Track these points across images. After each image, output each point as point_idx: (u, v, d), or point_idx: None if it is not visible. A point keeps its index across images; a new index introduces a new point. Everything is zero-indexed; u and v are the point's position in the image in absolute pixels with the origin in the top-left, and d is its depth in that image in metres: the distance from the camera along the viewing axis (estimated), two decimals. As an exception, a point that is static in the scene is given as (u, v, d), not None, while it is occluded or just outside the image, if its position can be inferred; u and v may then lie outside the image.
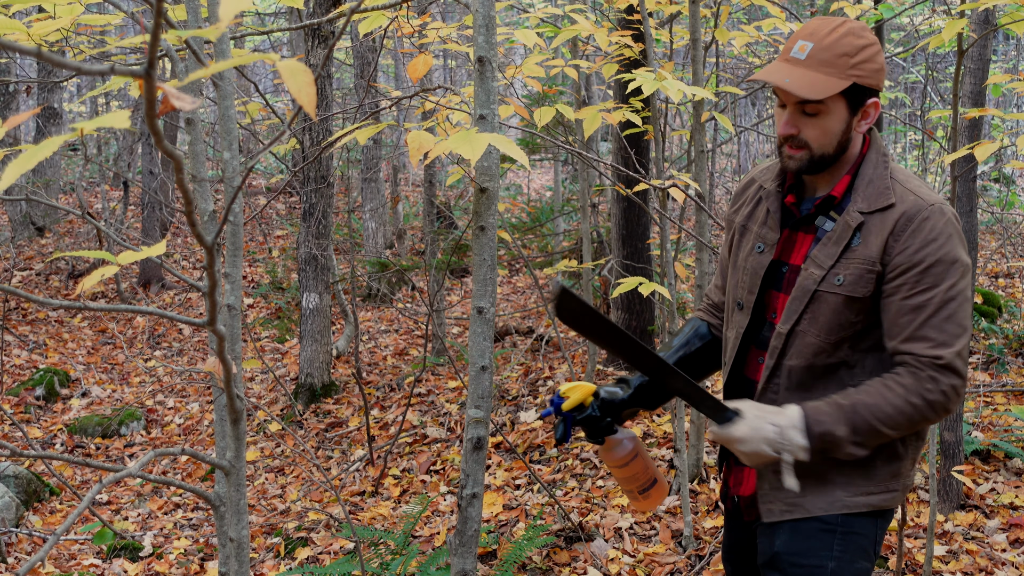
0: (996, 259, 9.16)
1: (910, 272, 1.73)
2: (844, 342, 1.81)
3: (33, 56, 0.73)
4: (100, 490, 1.19)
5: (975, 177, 4.24)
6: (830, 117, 1.77)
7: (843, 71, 1.73)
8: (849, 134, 1.80)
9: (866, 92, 1.78)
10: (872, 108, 1.80)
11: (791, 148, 1.81)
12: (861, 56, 1.74)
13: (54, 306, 1.19)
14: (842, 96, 1.75)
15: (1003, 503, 4.06)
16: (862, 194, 1.80)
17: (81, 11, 2.11)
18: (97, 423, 6.69)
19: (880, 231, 1.76)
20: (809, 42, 1.75)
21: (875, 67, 1.77)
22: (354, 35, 8.16)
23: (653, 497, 2.01)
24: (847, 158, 1.84)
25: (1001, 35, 13.93)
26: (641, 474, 1.98)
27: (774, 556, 1.88)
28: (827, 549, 1.83)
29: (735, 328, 1.98)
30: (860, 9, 4.51)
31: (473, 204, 2.14)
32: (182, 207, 11.21)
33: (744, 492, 1.99)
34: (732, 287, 2.00)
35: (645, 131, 5.31)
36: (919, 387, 1.71)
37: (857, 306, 1.78)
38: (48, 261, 8.32)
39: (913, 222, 1.74)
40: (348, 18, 1.35)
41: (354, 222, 11.11)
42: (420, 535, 4.35)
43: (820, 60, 1.73)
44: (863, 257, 1.77)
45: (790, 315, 1.84)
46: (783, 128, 1.80)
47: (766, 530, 1.92)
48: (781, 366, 1.86)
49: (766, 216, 1.95)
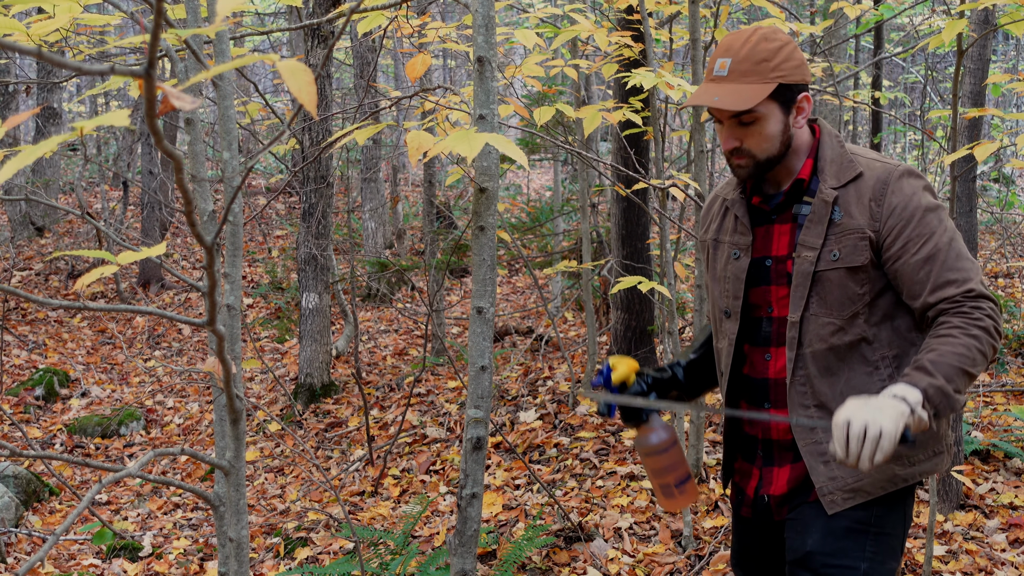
0: (996, 259, 9.16)
1: (907, 229, 1.80)
2: (857, 316, 1.84)
3: (34, 56, 0.73)
4: (100, 490, 1.19)
5: (975, 177, 4.24)
6: (766, 122, 1.83)
7: (765, 76, 1.80)
8: (789, 131, 1.87)
9: (794, 89, 1.84)
10: (804, 102, 1.87)
11: (737, 159, 1.88)
12: (779, 57, 1.82)
13: (54, 306, 1.19)
14: (772, 99, 1.82)
15: (1003, 503, 4.06)
16: (828, 172, 1.88)
17: (80, 10, 2.10)
18: (97, 423, 6.69)
19: (859, 200, 1.83)
20: (727, 58, 1.83)
21: (795, 64, 1.84)
22: (354, 35, 8.16)
23: (689, 494, 1.97)
24: (798, 148, 1.91)
25: (1001, 35, 13.93)
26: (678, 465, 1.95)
27: (807, 555, 1.88)
28: (860, 550, 1.84)
29: (726, 336, 2.01)
30: (860, 9, 4.51)
31: (473, 204, 2.15)
32: (182, 207, 11.21)
33: (775, 491, 1.97)
34: (716, 299, 2.04)
35: (645, 131, 5.31)
36: (969, 322, 1.75)
37: (860, 276, 1.83)
38: (47, 261, 8.32)
39: (889, 184, 1.82)
40: (348, 18, 1.35)
41: (354, 222, 11.11)
42: (420, 535, 4.35)
43: (741, 72, 1.81)
44: (852, 228, 1.83)
45: (797, 302, 1.87)
46: (726, 144, 1.87)
47: (797, 527, 1.91)
48: (803, 355, 1.87)
49: (735, 223, 2.00)
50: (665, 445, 1.94)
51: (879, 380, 1.84)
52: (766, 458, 1.98)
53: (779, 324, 1.92)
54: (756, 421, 1.98)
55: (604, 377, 1.99)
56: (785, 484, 1.95)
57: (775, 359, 1.93)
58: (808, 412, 1.87)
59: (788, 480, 1.94)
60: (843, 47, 9.44)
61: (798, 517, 1.92)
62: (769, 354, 1.94)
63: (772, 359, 1.93)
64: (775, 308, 1.92)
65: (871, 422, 1.61)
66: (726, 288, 1.99)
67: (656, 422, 1.96)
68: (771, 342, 1.93)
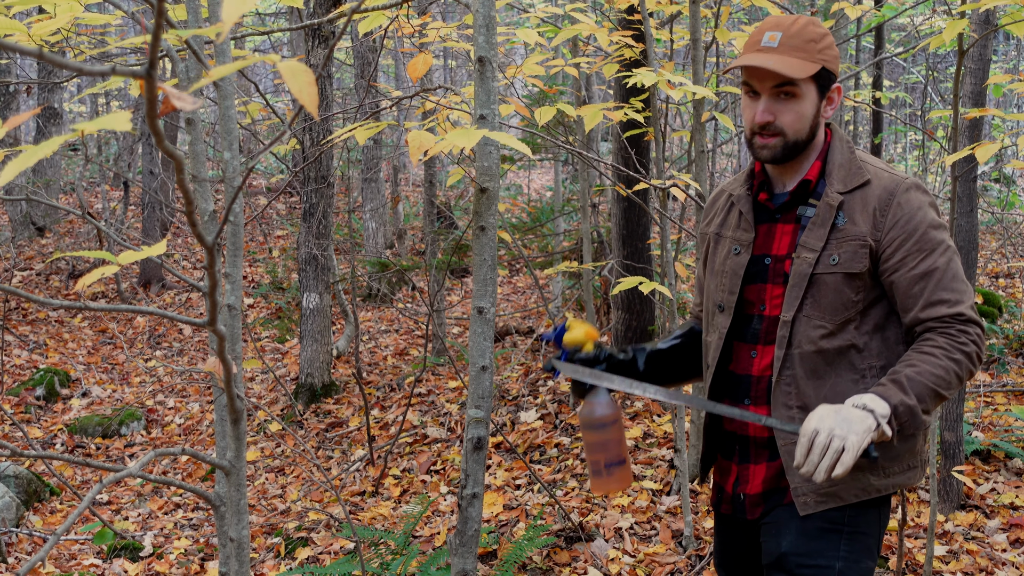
0: (996, 259, 9.15)
1: (908, 242, 1.81)
2: (849, 323, 1.85)
3: (35, 57, 0.73)
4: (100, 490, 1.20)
5: (975, 177, 4.23)
6: (804, 101, 1.85)
7: (813, 55, 1.83)
8: (818, 119, 1.89)
9: (831, 77, 1.88)
10: (836, 93, 1.91)
11: (764, 137, 1.87)
12: (824, 43, 1.85)
13: (54, 306, 1.19)
14: (812, 80, 1.85)
15: (1003, 503, 4.06)
16: (836, 176, 1.89)
17: (81, 10, 2.11)
18: (97, 423, 6.69)
19: (864, 207, 1.84)
20: (777, 31, 1.84)
21: (835, 53, 1.89)
22: (354, 35, 8.16)
23: (616, 477, 1.90)
24: (814, 146, 1.92)
25: (1001, 35, 13.92)
26: (613, 445, 1.88)
27: (781, 557, 1.88)
28: (834, 549, 1.85)
29: (717, 330, 2.00)
30: (860, 10, 4.51)
31: (473, 204, 2.15)
32: (182, 207, 11.21)
33: (751, 490, 1.97)
34: (711, 292, 2.04)
35: (646, 131, 5.31)
36: (954, 343, 1.78)
37: (856, 283, 1.84)
38: (48, 261, 8.31)
39: (895, 196, 1.83)
40: (349, 18, 1.35)
41: (354, 222, 11.11)
42: (420, 535, 4.35)
43: (791, 46, 1.82)
44: (854, 234, 1.84)
45: (791, 302, 1.87)
46: (760, 116, 1.86)
47: (772, 530, 1.92)
48: (791, 355, 1.88)
49: (739, 219, 2.00)
50: (604, 421, 1.88)
51: (864, 389, 1.85)
52: (743, 455, 1.99)
53: (769, 323, 1.92)
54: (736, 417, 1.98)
55: (556, 334, 1.95)
56: (760, 484, 1.95)
57: (760, 357, 1.93)
58: (790, 412, 1.87)
59: (763, 480, 1.94)
60: (844, 47, 9.44)
61: (773, 520, 1.92)
62: (755, 351, 1.94)
63: (758, 356, 1.94)
64: (767, 307, 1.93)
65: (837, 435, 1.66)
66: (722, 282, 2.00)
67: (602, 396, 1.89)
68: (759, 339, 1.94)
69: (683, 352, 2.15)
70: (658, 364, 2.10)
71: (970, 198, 4.14)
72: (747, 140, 1.91)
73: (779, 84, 1.83)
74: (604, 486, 1.91)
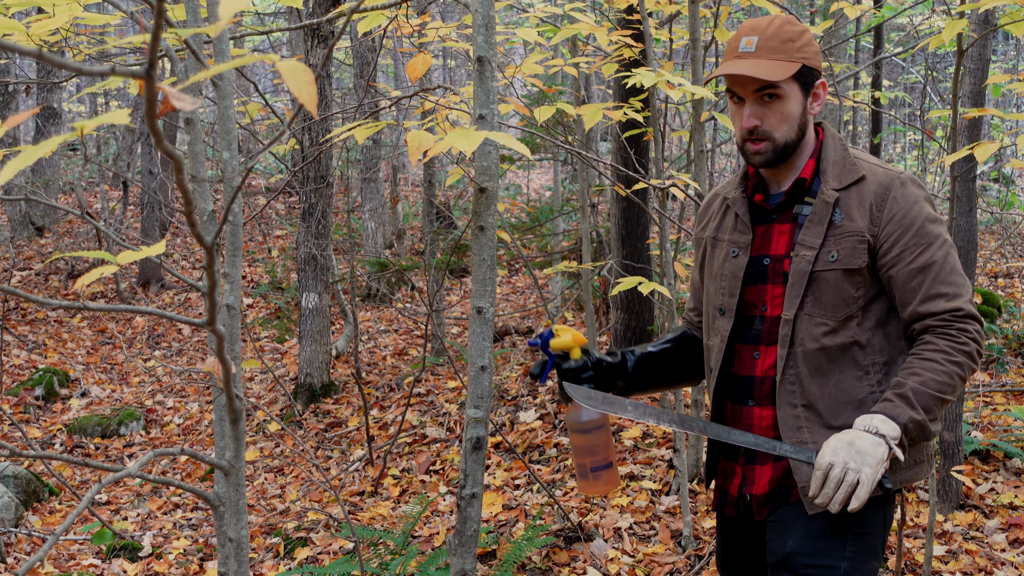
0: (996, 259, 9.16)
1: (905, 236, 1.81)
2: (851, 320, 1.85)
3: (34, 57, 0.73)
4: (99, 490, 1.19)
5: (975, 177, 4.24)
6: (788, 101, 1.86)
7: (791, 55, 1.84)
8: (806, 117, 1.89)
9: (813, 73, 1.88)
10: (820, 89, 1.91)
11: (754, 143, 1.88)
12: (802, 40, 1.86)
13: (53, 306, 1.19)
14: (795, 79, 1.85)
15: (1002, 503, 4.06)
16: (831, 173, 1.89)
17: (80, 10, 2.10)
18: (96, 423, 6.69)
19: (860, 203, 1.85)
20: (754, 35, 1.85)
21: (815, 50, 1.89)
22: (353, 35, 8.16)
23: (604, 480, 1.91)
24: (806, 144, 1.93)
25: (1001, 35, 13.93)
26: (600, 449, 1.90)
27: (787, 556, 1.88)
28: (840, 549, 1.85)
29: (719, 334, 2.00)
30: (860, 10, 4.51)
31: (472, 204, 2.14)
32: (181, 207, 11.20)
33: (758, 491, 1.97)
34: (711, 296, 2.04)
35: (645, 131, 5.31)
36: (954, 345, 1.78)
37: (856, 279, 1.84)
38: (47, 261, 8.32)
39: (891, 190, 1.84)
40: (348, 18, 1.35)
41: (353, 222, 11.11)
42: (419, 535, 4.35)
43: (769, 48, 1.83)
44: (851, 230, 1.84)
45: (792, 300, 1.87)
46: (746, 122, 1.87)
47: (778, 529, 1.91)
48: (794, 354, 1.88)
49: (735, 221, 2.00)
50: (590, 425, 1.89)
51: (868, 385, 1.85)
52: (748, 456, 1.98)
53: (771, 323, 1.92)
54: (739, 418, 1.98)
55: (543, 341, 1.95)
56: (767, 484, 1.95)
57: (763, 357, 1.93)
58: (795, 411, 1.87)
59: (770, 480, 1.94)
60: (843, 47, 9.44)
61: (779, 519, 1.92)
62: (758, 352, 1.95)
63: (760, 357, 1.94)
64: (768, 307, 1.93)
65: (851, 468, 1.69)
66: (722, 286, 1.99)
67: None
68: (761, 340, 1.94)
69: (673, 356, 2.15)
70: (647, 367, 2.09)
71: (969, 198, 4.14)
72: (739, 147, 1.92)
73: (761, 88, 1.84)
74: (591, 488, 1.93)
